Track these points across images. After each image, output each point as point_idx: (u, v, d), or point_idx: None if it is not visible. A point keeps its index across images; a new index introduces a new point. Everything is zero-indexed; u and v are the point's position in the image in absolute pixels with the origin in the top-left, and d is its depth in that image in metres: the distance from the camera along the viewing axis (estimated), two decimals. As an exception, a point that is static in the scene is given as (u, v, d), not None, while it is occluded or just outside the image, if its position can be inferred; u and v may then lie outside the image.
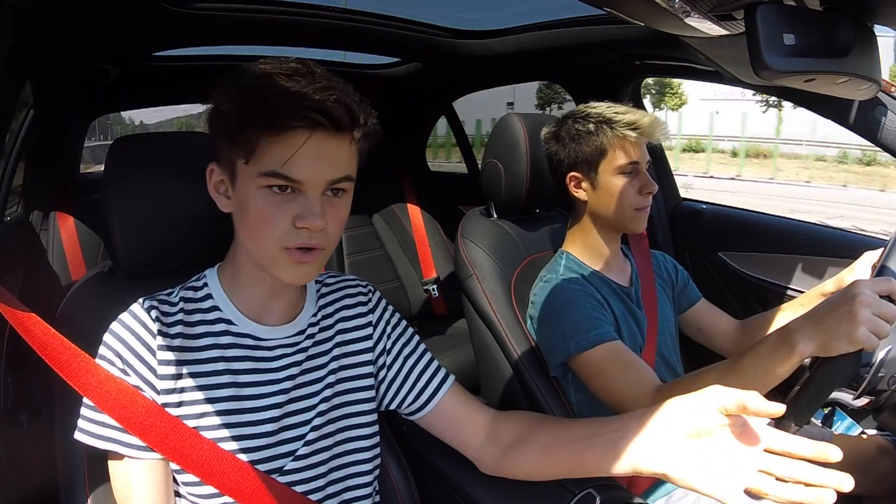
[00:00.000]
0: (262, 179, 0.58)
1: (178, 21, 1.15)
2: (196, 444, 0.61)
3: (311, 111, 0.55)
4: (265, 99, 0.56)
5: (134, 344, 0.62)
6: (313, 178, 0.58)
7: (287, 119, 0.55)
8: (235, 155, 0.60)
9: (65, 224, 1.61)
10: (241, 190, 0.61)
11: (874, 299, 0.65)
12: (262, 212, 0.59)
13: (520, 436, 0.72)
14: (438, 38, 1.51)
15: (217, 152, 0.63)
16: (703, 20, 0.81)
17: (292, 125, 0.56)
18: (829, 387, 0.69)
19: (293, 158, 0.57)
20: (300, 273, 0.62)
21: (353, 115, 0.58)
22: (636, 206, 1.01)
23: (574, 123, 1.04)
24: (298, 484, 0.67)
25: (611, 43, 1.34)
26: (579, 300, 0.96)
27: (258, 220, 0.60)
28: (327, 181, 0.59)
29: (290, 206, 0.59)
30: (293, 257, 0.60)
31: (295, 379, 0.68)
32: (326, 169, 0.59)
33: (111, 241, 0.73)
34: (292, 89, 0.56)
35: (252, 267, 0.66)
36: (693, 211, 1.54)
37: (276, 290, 0.69)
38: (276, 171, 0.57)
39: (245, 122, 0.57)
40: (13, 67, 0.82)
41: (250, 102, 0.57)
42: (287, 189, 0.58)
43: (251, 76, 0.58)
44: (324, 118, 0.56)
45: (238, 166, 0.60)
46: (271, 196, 0.59)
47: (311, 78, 0.57)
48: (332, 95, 0.56)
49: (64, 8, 0.92)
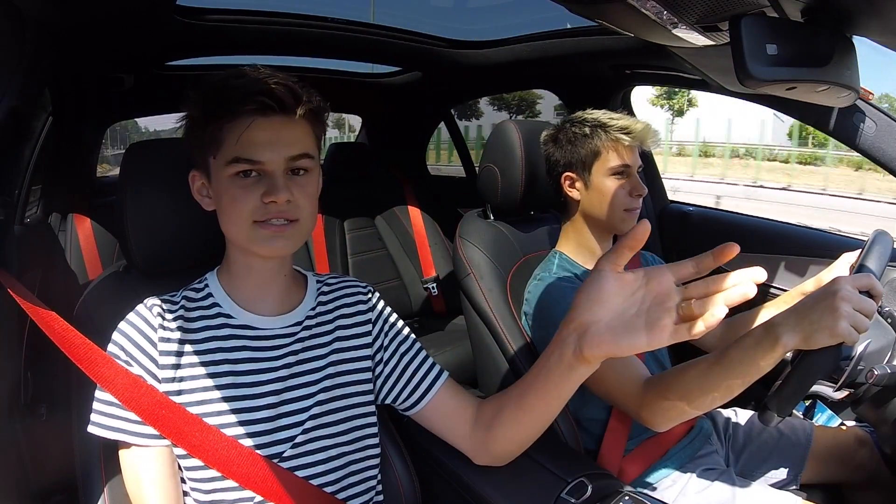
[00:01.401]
0: (229, 167, 0.65)
1: (189, 32, 1.19)
2: (201, 431, 0.65)
3: (257, 94, 0.63)
4: (219, 93, 0.64)
5: (137, 337, 0.67)
6: (273, 158, 0.65)
7: (240, 104, 0.63)
8: (206, 153, 0.67)
9: (82, 225, 1.64)
10: (216, 185, 0.67)
11: (854, 294, 0.66)
12: (232, 195, 0.65)
13: (496, 408, 0.75)
14: (437, 48, 1.56)
15: (194, 159, 0.70)
16: (689, 31, 0.85)
17: (244, 109, 0.63)
18: (811, 379, 0.70)
19: (251, 142, 0.64)
20: (276, 246, 0.67)
21: (296, 94, 0.65)
22: (626, 207, 1.05)
23: (571, 127, 1.09)
24: (298, 469, 0.70)
25: (602, 53, 1.38)
26: (571, 297, 1.00)
27: (230, 203, 0.66)
28: (286, 159, 0.65)
29: (257, 187, 0.65)
30: (267, 230, 0.66)
31: (291, 368, 0.72)
32: (282, 148, 0.65)
33: (126, 241, 0.76)
34: (241, 82, 0.64)
35: (239, 255, 0.71)
36: (680, 213, 1.58)
37: (267, 278, 0.73)
38: (238, 157, 0.64)
39: (208, 119, 0.65)
40: (33, 76, 0.84)
41: (209, 100, 0.65)
42: (252, 173, 0.65)
43: (209, 81, 0.66)
44: (269, 99, 0.63)
45: (210, 164, 0.67)
46: (239, 181, 0.65)
47: (258, 73, 0.65)
48: (274, 80, 0.64)
49: (82, 19, 0.96)
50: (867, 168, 12.14)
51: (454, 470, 0.82)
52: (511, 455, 0.77)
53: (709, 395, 0.76)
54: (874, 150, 1.12)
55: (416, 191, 2.18)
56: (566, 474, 0.77)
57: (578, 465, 0.81)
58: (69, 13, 0.91)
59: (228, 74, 0.65)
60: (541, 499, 0.75)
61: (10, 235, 0.82)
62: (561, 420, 1.03)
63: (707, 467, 1.01)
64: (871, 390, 0.80)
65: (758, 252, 1.40)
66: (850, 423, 1.15)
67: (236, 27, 1.24)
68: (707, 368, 0.76)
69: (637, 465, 1.00)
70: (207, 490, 0.67)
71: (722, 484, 0.96)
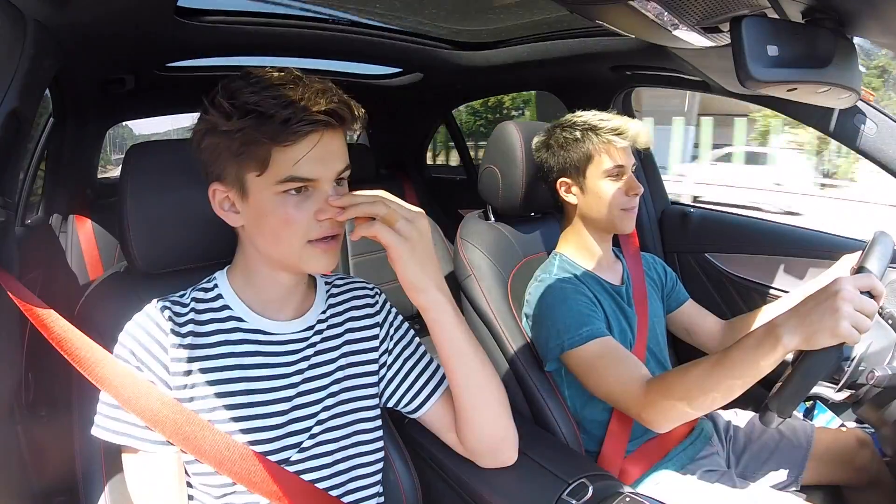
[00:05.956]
0: (279, 186, 0.61)
1: (189, 33, 1.19)
2: (209, 435, 0.64)
3: (320, 114, 0.59)
4: (269, 112, 0.57)
5: (147, 342, 0.65)
6: (326, 174, 0.63)
7: (299, 126, 0.58)
8: (245, 170, 0.62)
9: (83, 226, 1.64)
10: (257, 201, 0.63)
11: (856, 295, 0.66)
12: (284, 215, 0.62)
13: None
14: (438, 49, 1.56)
15: (217, 171, 0.64)
16: (690, 32, 0.85)
17: (306, 130, 0.59)
18: (812, 379, 0.70)
19: (307, 160, 0.60)
20: (328, 261, 0.66)
21: (352, 110, 0.63)
22: (623, 207, 1.05)
23: (562, 132, 1.08)
24: (304, 473, 0.69)
25: (602, 54, 1.38)
26: (572, 298, 1.00)
27: (281, 224, 0.62)
28: (336, 173, 0.64)
29: (308, 203, 0.63)
30: (320, 247, 0.65)
31: (304, 373, 0.71)
32: (335, 163, 0.63)
33: (127, 242, 0.76)
34: (294, 98, 0.58)
35: (267, 269, 0.69)
36: (681, 214, 1.58)
37: (292, 288, 0.72)
38: (293, 176, 0.61)
39: (253, 137, 0.59)
40: (33, 77, 0.82)
41: (254, 118, 0.58)
42: (302, 189, 0.63)
43: (246, 92, 0.59)
44: (332, 119, 0.60)
45: (249, 180, 0.62)
46: (289, 199, 0.62)
47: (303, 83, 0.60)
48: (333, 96, 0.61)
49: (83, 20, 0.95)
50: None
51: (455, 471, 0.83)
52: (486, 446, 0.77)
53: (710, 395, 0.76)
54: (875, 152, 1.12)
55: (417, 192, 2.18)
56: (567, 475, 0.77)
57: (579, 466, 0.81)
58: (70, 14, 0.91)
59: (270, 84, 0.59)
60: (542, 500, 0.75)
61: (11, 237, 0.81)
62: (562, 421, 1.03)
63: (708, 469, 1.01)
64: (872, 391, 0.81)
65: (758, 253, 1.41)
66: (850, 425, 1.15)
67: (237, 28, 1.24)
68: (708, 369, 0.76)
69: (638, 466, 1.00)
70: (218, 496, 0.66)
71: (722, 485, 0.96)
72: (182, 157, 0.78)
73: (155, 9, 1.02)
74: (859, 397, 0.82)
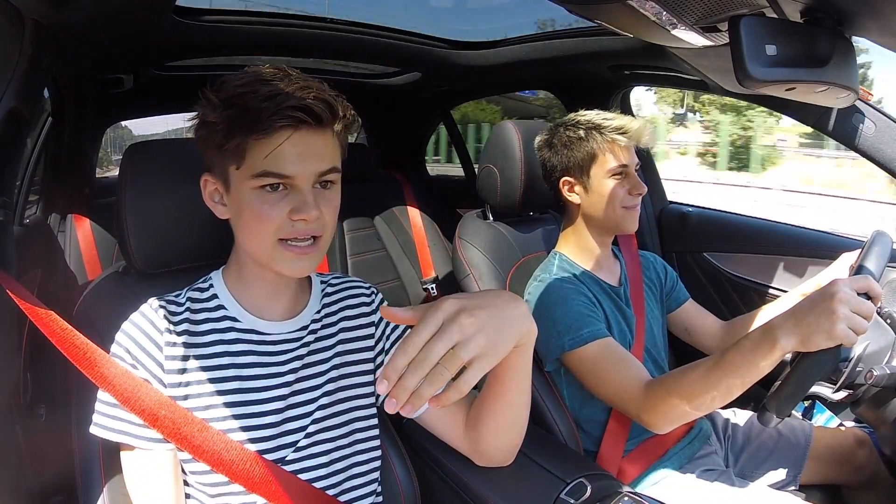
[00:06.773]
0: (254, 181, 0.61)
1: (188, 32, 1.19)
2: (206, 435, 0.64)
3: (293, 110, 0.59)
4: (249, 105, 0.59)
5: (142, 340, 0.66)
6: (302, 172, 0.62)
7: (272, 120, 0.58)
8: (227, 162, 0.63)
9: (81, 226, 1.63)
10: (236, 194, 0.64)
11: (852, 296, 0.66)
12: (257, 210, 0.62)
13: (478, 403, 0.75)
14: (436, 48, 1.56)
15: (208, 163, 0.66)
16: (689, 32, 0.85)
17: (278, 125, 0.59)
18: (810, 380, 0.71)
19: (281, 156, 0.60)
20: (300, 267, 0.65)
21: (333, 109, 0.62)
22: (626, 205, 1.05)
23: (565, 131, 1.08)
24: (301, 472, 0.70)
25: (601, 53, 1.38)
26: (572, 299, 1.00)
27: (254, 219, 0.62)
28: (316, 174, 0.63)
29: (284, 202, 0.62)
30: (292, 251, 0.64)
31: (297, 372, 0.71)
32: (313, 163, 0.62)
33: (125, 241, 0.76)
34: (272, 92, 0.59)
35: (253, 266, 0.69)
36: (680, 213, 1.58)
37: (279, 287, 0.72)
38: (267, 171, 0.60)
39: (233, 129, 0.60)
40: (32, 76, 0.82)
41: (235, 110, 0.59)
42: (279, 187, 0.62)
43: (232, 86, 0.61)
44: (306, 115, 0.59)
45: (230, 172, 0.63)
46: (265, 195, 0.62)
47: (289, 80, 0.60)
48: (310, 93, 0.60)
49: (81, 19, 0.95)
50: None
51: (453, 470, 0.83)
52: (500, 452, 0.77)
53: (710, 396, 0.76)
54: (873, 151, 1.13)
55: (416, 191, 2.18)
56: (565, 475, 0.78)
57: (578, 466, 0.82)
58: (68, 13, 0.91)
59: (256, 79, 0.60)
60: (540, 499, 0.75)
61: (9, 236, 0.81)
62: (560, 421, 1.03)
63: (706, 468, 1.01)
64: (871, 391, 0.81)
65: (757, 252, 1.41)
66: (849, 424, 1.15)
67: (235, 28, 1.24)
68: (707, 370, 0.77)
69: (636, 465, 1.00)
70: (213, 494, 0.67)
71: (721, 485, 0.96)
72: (180, 157, 0.79)
73: (153, 8, 1.02)
74: (858, 397, 0.82)
